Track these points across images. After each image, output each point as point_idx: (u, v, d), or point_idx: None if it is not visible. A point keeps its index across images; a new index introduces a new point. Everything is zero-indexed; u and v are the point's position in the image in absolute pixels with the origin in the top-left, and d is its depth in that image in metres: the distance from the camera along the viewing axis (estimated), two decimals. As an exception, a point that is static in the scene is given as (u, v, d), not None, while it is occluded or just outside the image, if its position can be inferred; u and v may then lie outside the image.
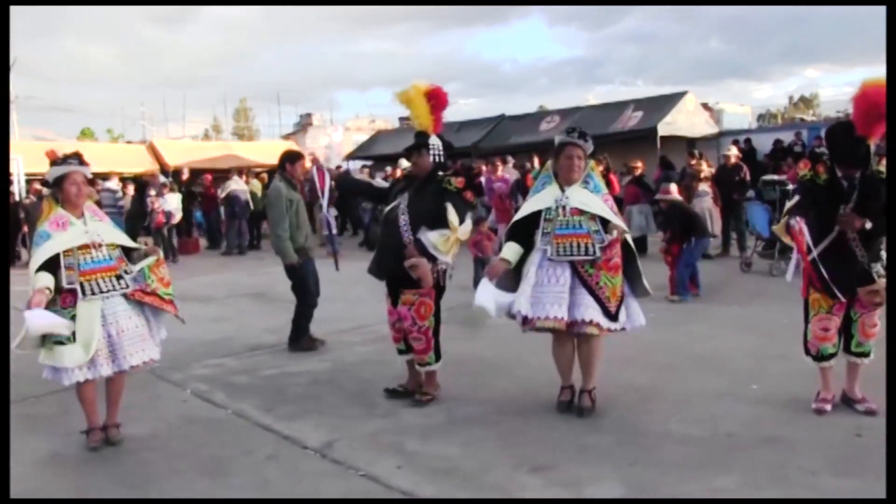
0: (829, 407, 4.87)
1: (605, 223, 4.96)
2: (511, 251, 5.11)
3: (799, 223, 4.78)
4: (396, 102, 5.64)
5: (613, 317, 4.88)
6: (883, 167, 4.70)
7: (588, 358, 5.06)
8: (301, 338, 7.34)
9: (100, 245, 4.77)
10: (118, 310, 4.75)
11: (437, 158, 5.44)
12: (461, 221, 5.22)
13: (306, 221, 7.48)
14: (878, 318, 4.84)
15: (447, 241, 5.20)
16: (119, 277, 4.78)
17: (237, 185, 17.92)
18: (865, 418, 4.72)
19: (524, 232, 5.11)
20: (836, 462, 4.13)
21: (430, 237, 5.18)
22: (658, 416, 4.94)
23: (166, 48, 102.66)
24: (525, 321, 4.90)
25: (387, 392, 5.63)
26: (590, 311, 4.82)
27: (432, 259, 5.20)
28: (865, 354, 4.89)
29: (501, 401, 5.41)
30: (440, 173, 5.42)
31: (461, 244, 5.40)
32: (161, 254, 5.14)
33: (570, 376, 5.19)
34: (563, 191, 5.02)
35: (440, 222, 5.20)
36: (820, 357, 4.93)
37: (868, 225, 4.65)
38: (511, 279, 5.11)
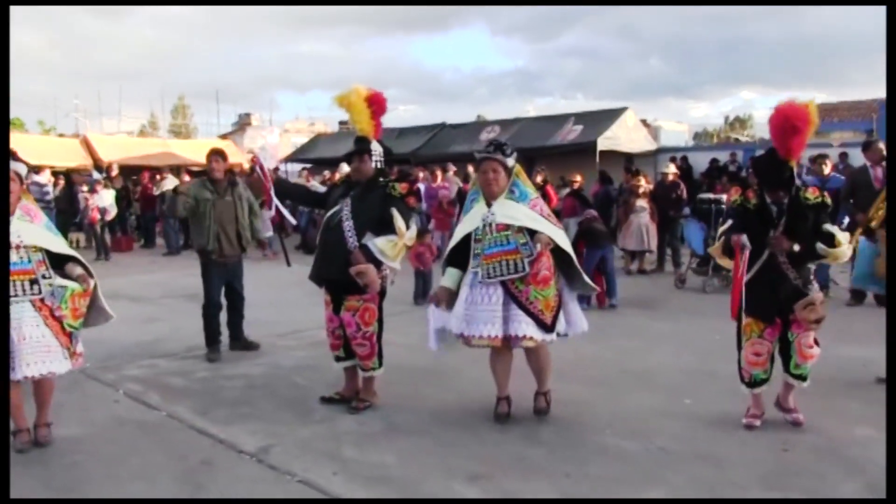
0: (758, 423, 4.99)
1: (533, 232, 4.96)
2: (451, 277, 5.18)
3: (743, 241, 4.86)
4: (336, 106, 5.63)
5: (549, 328, 4.94)
6: (810, 195, 4.87)
7: (538, 366, 5.15)
8: (212, 343, 7.13)
9: (17, 247, 4.53)
10: (25, 315, 4.49)
11: (378, 164, 5.44)
12: (407, 227, 5.23)
13: (219, 227, 7.05)
14: (814, 340, 4.94)
15: (395, 247, 5.20)
16: (33, 282, 4.54)
17: (173, 183, 17.61)
18: (792, 434, 4.85)
19: (462, 253, 5.14)
20: (764, 476, 4.24)
21: (378, 243, 5.17)
22: (592, 430, 5.00)
23: (102, 39, 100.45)
24: (462, 338, 4.97)
25: (322, 400, 5.59)
26: (523, 326, 4.86)
27: (377, 264, 5.20)
28: (803, 378, 4.96)
29: (438, 410, 5.42)
30: (381, 179, 5.42)
31: (406, 251, 5.41)
32: (91, 285, 4.79)
33: (506, 387, 5.22)
34: (489, 206, 5.05)
35: (385, 228, 5.20)
36: (752, 383, 5.03)
37: (796, 247, 4.79)
38: (453, 300, 5.16)
